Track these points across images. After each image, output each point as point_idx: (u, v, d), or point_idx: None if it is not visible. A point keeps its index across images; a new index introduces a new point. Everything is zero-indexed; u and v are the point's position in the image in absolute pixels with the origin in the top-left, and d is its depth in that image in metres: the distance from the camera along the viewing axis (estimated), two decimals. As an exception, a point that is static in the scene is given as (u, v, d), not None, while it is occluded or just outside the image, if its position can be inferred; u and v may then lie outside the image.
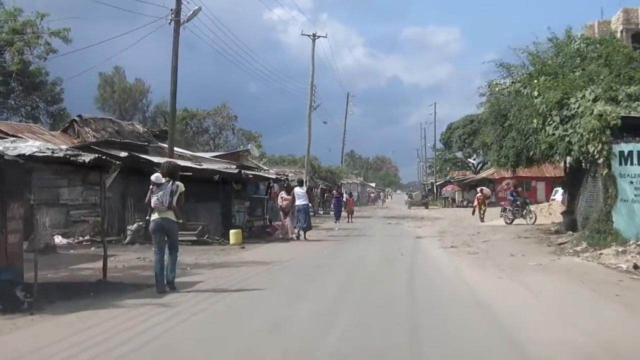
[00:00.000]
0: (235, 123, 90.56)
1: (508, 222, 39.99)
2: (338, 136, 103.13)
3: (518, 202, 40.98)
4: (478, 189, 50.65)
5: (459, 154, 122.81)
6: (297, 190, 31.93)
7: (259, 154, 74.44)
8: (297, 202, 31.36)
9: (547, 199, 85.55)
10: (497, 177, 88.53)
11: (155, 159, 28.45)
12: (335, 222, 47.43)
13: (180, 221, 15.69)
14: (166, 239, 15.17)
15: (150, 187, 15.10)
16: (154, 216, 15.12)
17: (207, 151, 69.58)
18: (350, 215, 52.02)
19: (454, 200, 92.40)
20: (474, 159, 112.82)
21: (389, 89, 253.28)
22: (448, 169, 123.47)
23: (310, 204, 36.70)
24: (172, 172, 15.40)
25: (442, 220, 50.64)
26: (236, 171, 31.10)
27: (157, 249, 15.06)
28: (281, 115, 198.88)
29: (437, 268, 18.98)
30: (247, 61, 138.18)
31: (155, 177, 15.07)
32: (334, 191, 54.57)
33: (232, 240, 27.28)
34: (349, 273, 18.17)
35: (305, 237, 31.10)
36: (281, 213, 31.56)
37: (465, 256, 21.94)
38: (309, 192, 33.23)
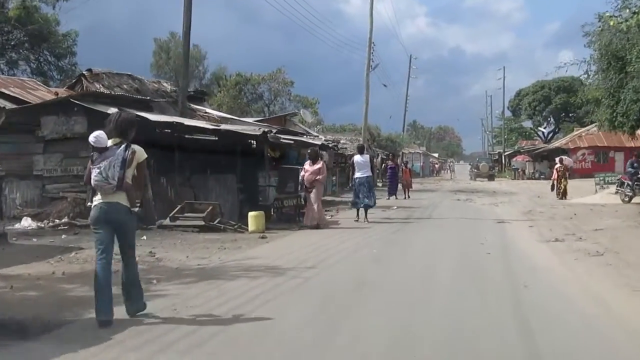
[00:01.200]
0: (292, 89, 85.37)
1: (626, 199, 32.53)
2: (400, 105, 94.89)
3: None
4: (557, 159, 41.27)
5: (527, 123, 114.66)
6: (357, 158, 24.71)
7: (312, 120, 67.54)
8: (357, 174, 24.48)
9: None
10: (571, 147, 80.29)
11: (153, 117, 21.23)
12: (388, 198, 39.44)
13: (137, 209, 9.19)
14: (117, 237, 9.01)
15: (91, 154, 8.81)
16: (96, 200, 8.94)
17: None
18: (407, 190, 42.99)
19: (524, 171, 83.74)
20: (545, 128, 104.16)
21: (451, 58, 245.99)
22: (514, 138, 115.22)
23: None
24: (123, 130, 8.95)
25: (519, 196, 43.22)
26: (259, 132, 23.35)
27: (100, 251, 8.87)
28: (345, 85, 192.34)
29: (556, 290, 10.98)
30: (312, 29, 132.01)
31: (95, 138, 8.72)
32: (389, 161, 45.56)
33: (251, 226, 20.09)
34: (410, 303, 10.05)
35: (366, 218, 24.01)
36: (304, 191, 23.04)
37: (587, 260, 14.07)
38: (371, 161, 25.63)
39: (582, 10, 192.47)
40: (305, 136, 36.33)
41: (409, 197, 40.47)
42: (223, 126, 24.48)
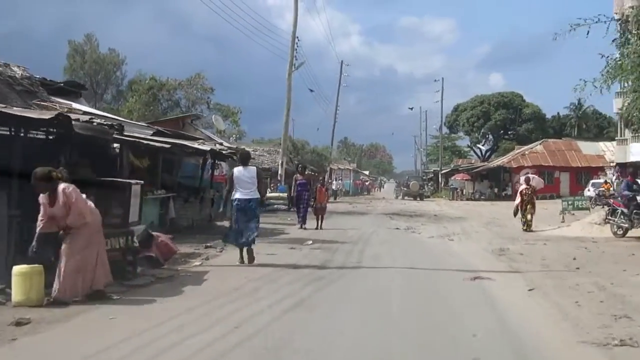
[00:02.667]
0: (212, 96, 76.56)
1: (619, 232, 23.85)
2: (331, 118, 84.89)
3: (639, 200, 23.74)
4: (521, 177, 31.56)
5: (464, 140, 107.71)
6: (238, 172, 15.72)
7: (224, 127, 58.15)
8: (237, 195, 15.52)
9: (572, 193, 69.83)
10: (514, 166, 72.14)
11: None
12: (300, 226, 27.81)
13: None
14: None
15: None
16: None
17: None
18: (320, 218, 28.57)
19: (462, 191, 74.90)
20: (483, 145, 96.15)
21: (383, 77, 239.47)
22: (447, 157, 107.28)
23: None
24: None
25: (470, 222, 34.80)
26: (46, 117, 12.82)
27: None
28: (278, 100, 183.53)
29: None
30: (247, 43, 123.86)
31: None
32: (297, 174, 31.24)
33: (17, 293, 10.05)
34: None
35: (242, 259, 15.63)
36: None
37: None
38: (258, 176, 15.97)
39: (513, 34, 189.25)
40: (201, 142, 26.71)
41: (321, 227, 27.91)
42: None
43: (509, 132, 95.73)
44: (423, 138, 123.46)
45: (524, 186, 28.61)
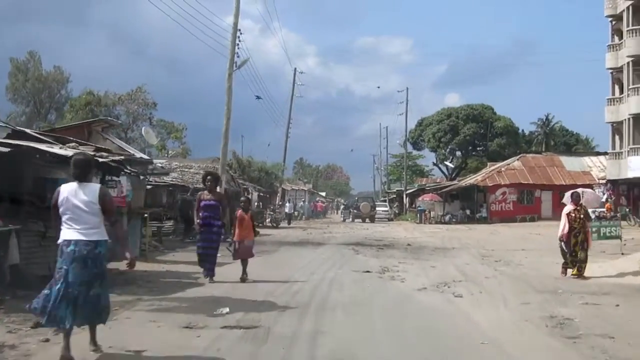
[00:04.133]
0: (155, 112, 72.69)
1: None
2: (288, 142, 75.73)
3: None
4: (569, 195, 20.11)
5: (430, 157, 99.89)
6: (67, 192, 8.42)
7: (156, 142, 49.75)
8: (67, 234, 8.15)
9: (556, 215, 62.01)
10: (490, 184, 64.09)
11: None
12: (209, 279, 17.07)
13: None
14: None
15: None
16: None
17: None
18: (244, 263, 17.74)
19: (430, 213, 66.24)
20: (452, 162, 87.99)
21: (340, 98, 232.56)
22: (409, 177, 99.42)
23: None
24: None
25: (459, 256, 26.63)
26: None
27: None
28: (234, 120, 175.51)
29: None
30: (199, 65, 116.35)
31: None
32: (201, 192, 18.40)
33: None
34: None
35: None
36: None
37: None
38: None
39: (470, 53, 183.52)
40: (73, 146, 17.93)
41: (245, 277, 17.40)
42: None
43: (478, 148, 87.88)
44: (383, 156, 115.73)
45: (571, 207, 18.85)
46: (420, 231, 48.55)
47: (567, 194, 20.40)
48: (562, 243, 18.56)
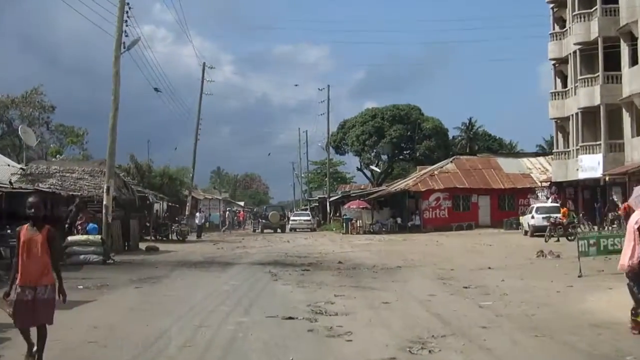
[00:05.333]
0: (52, 116, 67.39)
1: None
2: (206, 154, 67.71)
3: None
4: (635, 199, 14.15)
5: (344, 167, 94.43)
6: None
7: (35, 143, 42.17)
8: None
9: (494, 221, 55.94)
10: (422, 189, 57.47)
11: None
12: None
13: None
14: None
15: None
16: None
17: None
18: (40, 342, 8.63)
19: (357, 222, 59.25)
20: (377, 166, 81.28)
21: (258, 107, 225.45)
22: (329, 183, 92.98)
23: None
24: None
25: (413, 279, 20.38)
26: None
27: None
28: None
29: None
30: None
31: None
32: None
33: None
34: None
35: None
36: None
37: None
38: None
39: (388, 60, 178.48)
40: None
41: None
42: None
43: (405, 152, 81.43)
44: (304, 163, 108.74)
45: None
46: (350, 243, 41.62)
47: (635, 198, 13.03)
48: (630, 278, 10.86)
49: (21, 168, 34.08)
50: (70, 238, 24.57)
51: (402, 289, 17.30)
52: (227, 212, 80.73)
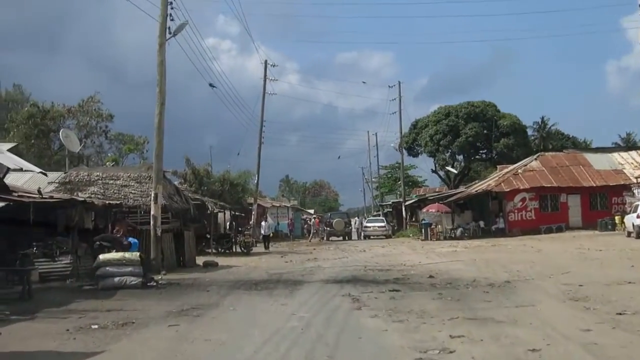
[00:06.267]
0: (111, 124, 63.38)
1: None
2: (272, 162, 62.65)
3: None
4: None
5: (415, 171, 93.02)
6: None
7: (79, 149, 37.99)
8: None
9: (585, 222, 50.01)
10: (506, 190, 51.84)
11: None
12: None
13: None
14: None
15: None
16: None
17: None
18: None
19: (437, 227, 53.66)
20: (454, 167, 75.53)
21: (324, 115, 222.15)
22: (400, 190, 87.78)
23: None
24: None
25: (545, 306, 14.56)
26: None
27: None
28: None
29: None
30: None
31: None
32: None
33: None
34: None
35: None
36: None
37: None
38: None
39: (449, 66, 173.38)
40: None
41: None
42: None
43: (481, 151, 75.63)
44: (374, 167, 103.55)
45: None
46: (434, 251, 36.24)
47: None
48: None
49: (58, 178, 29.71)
50: (102, 257, 19.73)
51: (538, 321, 12.13)
52: (312, 219, 75.28)
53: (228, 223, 49.10)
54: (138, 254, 20.15)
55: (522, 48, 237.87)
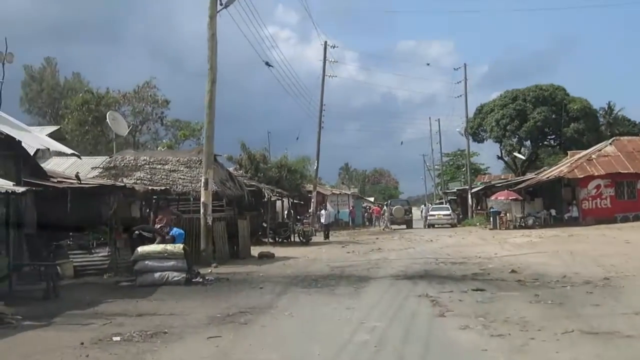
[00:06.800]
0: (167, 110, 62.17)
1: None
2: (330, 150, 59.32)
3: None
4: None
5: (477, 158, 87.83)
6: None
7: (128, 129, 36.01)
8: None
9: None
10: (580, 176, 48.26)
11: None
12: None
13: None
14: None
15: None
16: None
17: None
18: None
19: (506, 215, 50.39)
20: (522, 153, 71.96)
21: (383, 103, 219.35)
22: (463, 177, 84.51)
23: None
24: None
25: None
26: None
27: None
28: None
29: None
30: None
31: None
32: None
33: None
34: None
35: None
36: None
37: None
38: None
39: (508, 52, 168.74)
40: None
41: None
42: None
43: (549, 137, 71.79)
44: (436, 153, 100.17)
45: None
46: (507, 242, 33.21)
47: None
48: None
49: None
50: (140, 249, 17.14)
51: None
52: (386, 206, 71.53)
53: (286, 211, 46.47)
54: (182, 246, 17.48)
55: (585, 32, 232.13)
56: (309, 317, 12.25)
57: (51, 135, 28.58)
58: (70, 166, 27.75)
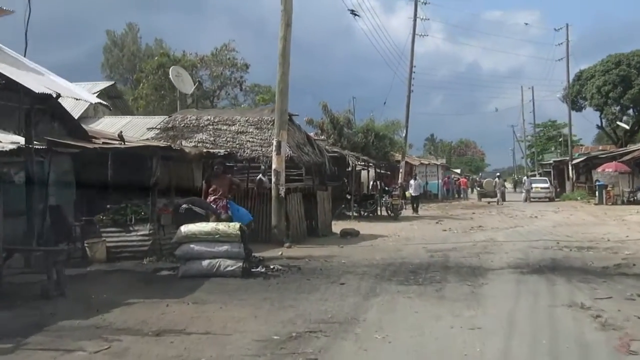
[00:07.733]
0: (246, 75, 59.26)
1: None
2: (418, 119, 53.61)
3: None
4: None
5: (592, 117, 77.71)
6: None
7: (191, 90, 32.17)
8: None
9: None
10: (697, 147, 42.56)
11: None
12: None
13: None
14: None
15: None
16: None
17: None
18: None
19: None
20: (626, 122, 65.79)
21: (468, 74, 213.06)
22: (554, 148, 78.84)
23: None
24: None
25: None
26: None
27: None
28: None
29: None
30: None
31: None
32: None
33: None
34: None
35: None
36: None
37: None
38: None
39: (601, 22, 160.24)
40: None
41: None
42: None
43: (653, 106, 65.37)
44: (527, 124, 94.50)
45: None
46: (623, 220, 28.32)
47: None
48: None
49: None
50: (184, 229, 12.75)
51: None
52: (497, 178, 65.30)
53: (372, 182, 41.96)
54: (238, 225, 12.95)
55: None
56: (413, 345, 7.64)
57: (104, 92, 24.88)
58: (124, 126, 23.94)
